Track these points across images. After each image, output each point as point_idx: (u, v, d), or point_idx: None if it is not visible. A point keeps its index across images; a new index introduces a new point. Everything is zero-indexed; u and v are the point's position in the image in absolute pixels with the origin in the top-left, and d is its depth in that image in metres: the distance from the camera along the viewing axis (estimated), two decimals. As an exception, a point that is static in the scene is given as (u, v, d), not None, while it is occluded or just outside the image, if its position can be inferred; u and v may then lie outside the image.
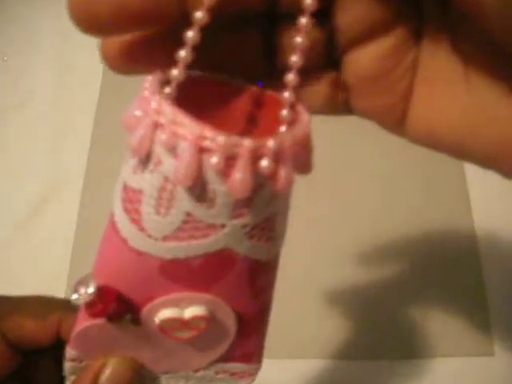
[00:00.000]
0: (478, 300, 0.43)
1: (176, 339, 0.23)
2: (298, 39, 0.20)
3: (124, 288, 0.22)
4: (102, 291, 0.22)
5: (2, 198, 0.50)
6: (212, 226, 0.20)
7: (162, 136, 0.18)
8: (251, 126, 0.22)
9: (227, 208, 0.19)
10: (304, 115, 0.21)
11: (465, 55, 0.20)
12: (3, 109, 0.55)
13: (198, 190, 0.19)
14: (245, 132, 0.22)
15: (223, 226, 0.20)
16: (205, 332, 0.23)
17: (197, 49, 0.19)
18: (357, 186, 0.48)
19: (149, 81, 0.20)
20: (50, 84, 0.55)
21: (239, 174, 0.18)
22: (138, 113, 0.19)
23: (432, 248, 0.45)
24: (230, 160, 0.18)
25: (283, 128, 0.21)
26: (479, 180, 0.48)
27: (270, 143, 0.18)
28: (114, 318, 0.22)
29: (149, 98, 0.19)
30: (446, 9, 0.21)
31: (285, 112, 0.21)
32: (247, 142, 0.18)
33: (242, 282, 0.22)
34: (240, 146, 0.18)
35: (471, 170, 0.48)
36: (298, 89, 0.21)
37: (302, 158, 0.20)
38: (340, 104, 0.23)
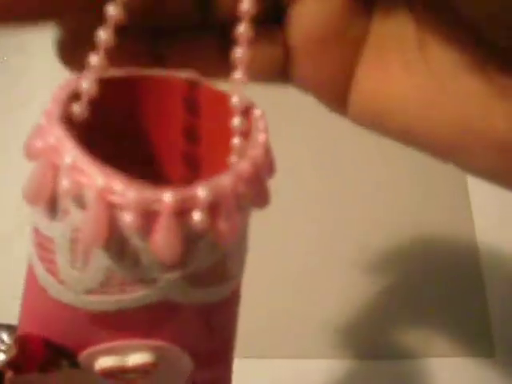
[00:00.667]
0: (479, 300, 0.42)
1: (124, 381, 0.20)
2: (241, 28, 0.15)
3: (53, 335, 0.18)
4: (26, 342, 0.18)
5: (2, 198, 0.49)
6: (142, 280, 0.16)
7: (64, 184, 0.14)
8: (196, 130, 0.18)
9: (155, 265, 0.15)
10: (259, 127, 0.16)
11: (422, 21, 0.17)
12: (3, 109, 0.53)
13: (117, 246, 0.15)
14: (187, 140, 0.18)
15: (155, 280, 0.16)
16: (156, 374, 0.20)
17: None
18: (355, 193, 0.48)
19: (52, 99, 0.15)
20: (50, 84, 0.51)
21: (162, 237, 0.14)
22: (37, 144, 0.15)
23: (432, 249, 0.45)
24: (149, 216, 0.14)
25: (236, 140, 0.17)
26: (481, 184, 0.45)
27: (201, 193, 0.14)
28: (46, 368, 0.19)
29: (47, 129, 0.15)
30: None
31: (236, 121, 0.17)
32: (168, 197, 0.14)
33: (193, 325, 0.18)
34: (159, 203, 0.14)
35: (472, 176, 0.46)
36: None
37: (250, 195, 0.15)
38: (278, 68, 0.19)
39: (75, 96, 0.16)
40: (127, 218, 0.14)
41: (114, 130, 0.17)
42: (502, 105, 0.17)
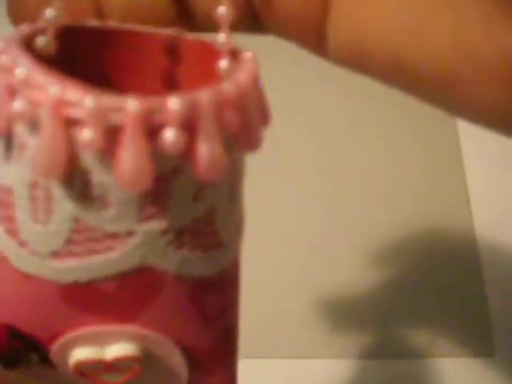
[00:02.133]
0: (479, 300, 0.42)
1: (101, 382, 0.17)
2: None
3: (20, 321, 0.16)
4: None
5: None
6: (114, 235, 0.14)
7: (16, 105, 0.12)
8: (176, 83, 0.16)
9: (129, 207, 0.13)
10: (248, 63, 0.14)
11: None
12: None
13: (80, 183, 0.13)
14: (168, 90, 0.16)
15: (130, 233, 0.14)
16: (143, 374, 0.17)
17: None
18: (354, 192, 0.47)
19: (17, 30, 0.14)
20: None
21: (127, 156, 0.12)
22: None
23: (431, 248, 0.44)
24: (112, 134, 0.12)
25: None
26: (481, 184, 0.47)
27: (173, 104, 0.12)
28: (11, 360, 0.16)
29: (2, 51, 0.13)
30: None
31: (224, 63, 0.15)
32: (133, 105, 0.12)
33: (182, 308, 0.16)
34: (122, 112, 0.11)
35: (471, 170, 0.47)
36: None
37: (236, 123, 0.13)
38: (243, 9, 0.16)
39: (40, 31, 0.14)
40: (85, 134, 0.12)
41: (85, 78, 0.15)
42: (509, 17, 0.14)
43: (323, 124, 0.49)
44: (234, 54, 0.15)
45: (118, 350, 0.16)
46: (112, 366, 0.16)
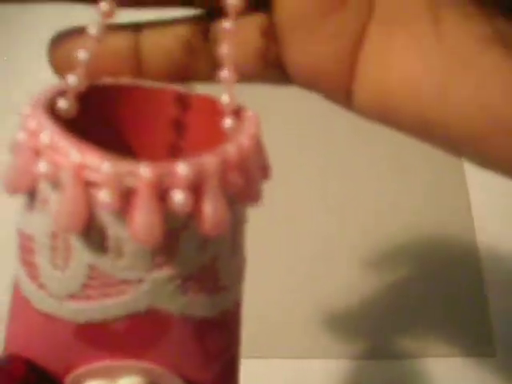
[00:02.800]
0: (479, 300, 0.42)
1: None
2: (227, 23, 0.15)
3: (38, 356, 0.17)
4: (7, 362, 0.17)
5: (2, 198, 0.47)
6: (126, 282, 0.15)
7: (41, 167, 0.14)
8: (184, 138, 0.17)
9: (141, 258, 0.14)
10: (250, 125, 0.15)
11: None
12: (3, 109, 0.52)
13: (97, 236, 0.14)
14: (175, 148, 0.17)
15: (141, 280, 0.15)
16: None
17: None
18: (355, 195, 0.47)
19: (40, 93, 0.15)
20: (50, 84, 0.53)
21: (141, 216, 0.13)
22: (19, 136, 0.14)
23: (433, 249, 0.44)
24: (127, 195, 0.13)
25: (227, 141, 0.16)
26: (481, 185, 0.47)
27: (181, 169, 0.13)
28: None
29: (29, 117, 0.14)
30: None
31: (228, 121, 0.16)
32: (146, 171, 0.13)
33: (187, 345, 0.17)
34: (136, 177, 0.13)
35: (472, 176, 0.47)
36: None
37: (239, 183, 0.14)
38: (272, 62, 0.17)
39: (62, 93, 0.16)
40: (103, 196, 0.13)
41: (102, 133, 0.16)
42: None
43: (325, 126, 0.49)
44: (237, 111, 0.16)
45: (127, 383, 0.17)
46: None
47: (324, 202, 0.47)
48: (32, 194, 0.15)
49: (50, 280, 0.15)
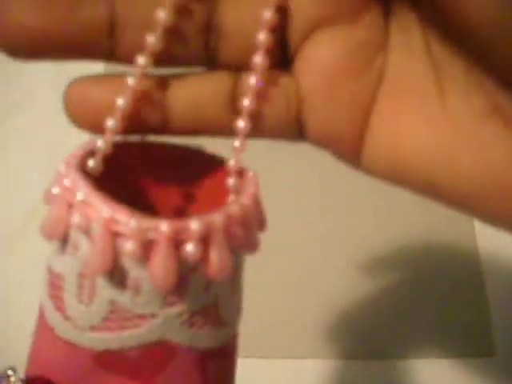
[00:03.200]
0: (479, 300, 0.42)
1: None
2: (252, 80, 0.17)
3: (58, 377, 0.20)
4: (30, 381, 0.19)
5: (2, 198, 0.48)
6: (142, 316, 0.17)
7: (75, 218, 0.16)
8: (193, 191, 0.20)
9: (156, 296, 0.17)
10: (250, 185, 0.18)
11: (441, 67, 0.17)
12: (3, 109, 0.53)
13: (119, 277, 0.17)
14: (186, 199, 0.20)
15: (154, 315, 0.17)
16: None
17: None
18: (356, 196, 0.47)
19: (72, 154, 0.18)
20: (50, 84, 0.54)
21: (159, 263, 0.16)
22: (54, 190, 0.17)
23: (433, 249, 0.44)
24: (148, 245, 0.16)
25: (231, 199, 0.19)
26: None
27: (194, 225, 0.16)
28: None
29: (64, 175, 0.17)
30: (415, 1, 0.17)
31: (231, 180, 0.19)
32: (165, 226, 0.16)
33: (190, 372, 0.19)
34: (157, 231, 0.16)
35: None
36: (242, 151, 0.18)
37: (240, 236, 0.17)
38: (293, 122, 0.19)
39: (91, 153, 0.18)
40: (129, 246, 0.16)
41: (122, 184, 0.19)
42: None
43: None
44: (240, 171, 0.19)
45: None
46: None
47: (323, 204, 0.47)
48: (64, 240, 0.17)
49: (75, 313, 0.18)
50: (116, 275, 0.17)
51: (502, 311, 0.42)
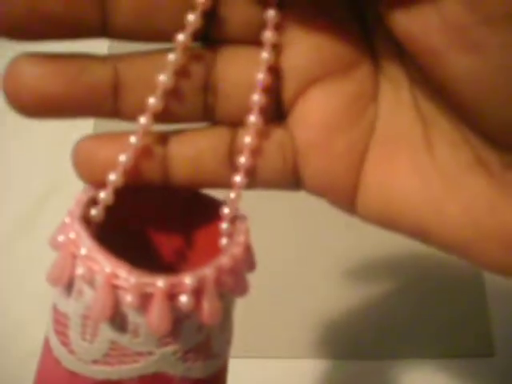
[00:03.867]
0: (478, 300, 0.42)
1: None
2: (247, 139, 0.19)
3: None
4: None
5: (2, 199, 0.49)
6: (140, 353, 0.19)
7: (79, 270, 0.18)
8: (189, 233, 0.22)
9: (152, 338, 0.19)
10: (241, 232, 0.20)
11: (426, 114, 0.18)
12: (2, 108, 0.54)
13: (119, 321, 0.18)
14: (183, 243, 0.22)
15: (151, 353, 0.19)
16: None
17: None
18: None
19: (76, 202, 0.19)
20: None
21: (155, 313, 0.17)
22: (60, 238, 0.19)
23: (432, 249, 0.44)
24: (146, 297, 0.17)
25: (223, 240, 0.20)
26: None
27: (187, 280, 0.17)
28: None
29: (69, 227, 0.18)
30: (402, 56, 0.18)
31: (224, 225, 0.20)
32: (161, 282, 0.17)
33: None
34: (153, 286, 0.17)
35: None
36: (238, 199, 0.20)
37: (230, 283, 0.19)
38: (289, 174, 0.20)
39: (93, 201, 0.20)
40: (128, 299, 0.17)
41: (122, 228, 0.21)
42: (508, 201, 0.17)
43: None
44: (233, 218, 0.21)
45: None
46: None
47: (323, 207, 0.46)
48: (69, 285, 0.19)
49: (78, 348, 0.19)
50: (117, 320, 0.18)
51: (502, 311, 0.42)
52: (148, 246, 0.22)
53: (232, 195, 0.20)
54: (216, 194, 0.21)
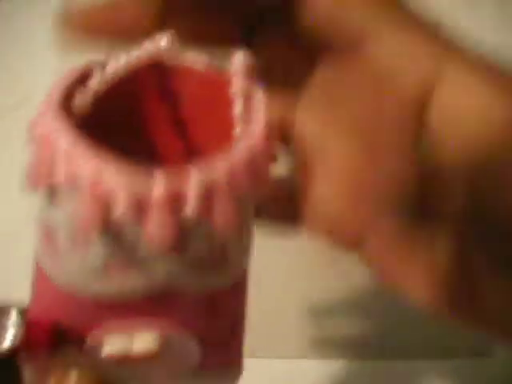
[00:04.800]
0: None
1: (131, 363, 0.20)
2: None
3: (61, 319, 0.19)
4: (32, 324, 0.18)
5: (2, 199, 0.47)
6: (140, 267, 0.16)
7: (58, 171, 0.14)
8: (203, 116, 0.18)
9: (152, 252, 0.15)
10: (259, 119, 0.16)
11: None
12: (2, 108, 0.52)
13: (114, 232, 0.15)
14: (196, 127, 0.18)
15: (155, 265, 0.16)
16: (163, 357, 0.20)
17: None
18: None
19: (54, 86, 0.15)
20: (50, 84, 0.52)
21: (155, 227, 0.14)
22: (37, 130, 0.15)
23: None
24: (141, 204, 0.14)
25: (237, 130, 0.16)
26: None
27: (193, 181, 0.14)
28: (50, 351, 0.19)
29: (45, 115, 0.15)
30: None
31: (238, 109, 0.16)
32: (158, 188, 0.14)
33: (197, 310, 0.18)
34: (149, 193, 0.14)
35: None
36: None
37: (247, 184, 0.15)
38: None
39: (76, 86, 0.16)
40: (118, 209, 0.14)
41: (113, 121, 0.17)
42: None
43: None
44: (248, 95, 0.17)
45: (141, 345, 0.19)
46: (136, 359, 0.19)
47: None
48: (51, 190, 0.15)
49: (70, 264, 0.16)
50: (110, 229, 0.15)
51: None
52: (150, 148, 0.18)
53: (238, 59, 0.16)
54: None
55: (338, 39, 0.18)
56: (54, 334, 0.19)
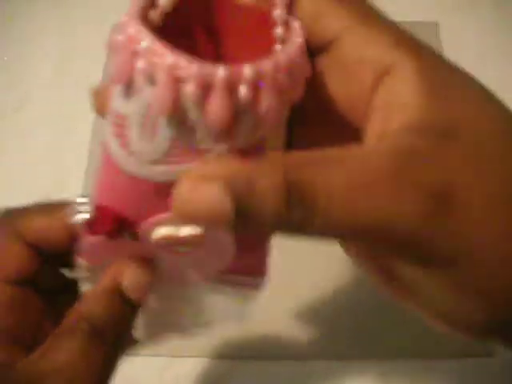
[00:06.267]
0: None
1: (174, 253, 0.24)
2: None
3: (121, 208, 0.22)
4: (98, 211, 0.22)
5: (2, 199, 0.47)
6: (198, 151, 0.20)
7: (139, 65, 0.18)
8: (246, 43, 0.22)
9: (210, 134, 0.19)
10: (296, 36, 0.20)
11: None
12: (2, 109, 0.54)
13: (179, 117, 0.19)
14: (239, 50, 0.22)
15: (208, 150, 0.20)
16: (202, 249, 0.23)
17: None
18: None
19: (133, 3, 0.19)
20: (50, 84, 0.54)
21: (214, 104, 0.18)
22: (119, 37, 0.19)
23: None
24: (206, 88, 0.18)
25: (278, 47, 0.20)
26: None
27: (246, 71, 0.18)
28: (112, 235, 0.23)
29: (128, 24, 0.19)
30: None
31: (278, 30, 0.20)
32: (221, 71, 0.18)
33: None
34: (214, 75, 0.18)
35: None
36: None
37: (286, 82, 0.19)
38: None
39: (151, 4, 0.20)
40: (188, 89, 0.18)
41: (184, 36, 0.21)
42: None
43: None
44: (286, 21, 0.21)
45: (188, 229, 0.23)
46: (181, 241, 0.23)
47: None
48: (129, 84, 0.19)
49: (138, 148, 0.20)
50: (176, 115, 0.19)
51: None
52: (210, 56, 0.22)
53: None
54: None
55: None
56: (117, 220, 0.23)
